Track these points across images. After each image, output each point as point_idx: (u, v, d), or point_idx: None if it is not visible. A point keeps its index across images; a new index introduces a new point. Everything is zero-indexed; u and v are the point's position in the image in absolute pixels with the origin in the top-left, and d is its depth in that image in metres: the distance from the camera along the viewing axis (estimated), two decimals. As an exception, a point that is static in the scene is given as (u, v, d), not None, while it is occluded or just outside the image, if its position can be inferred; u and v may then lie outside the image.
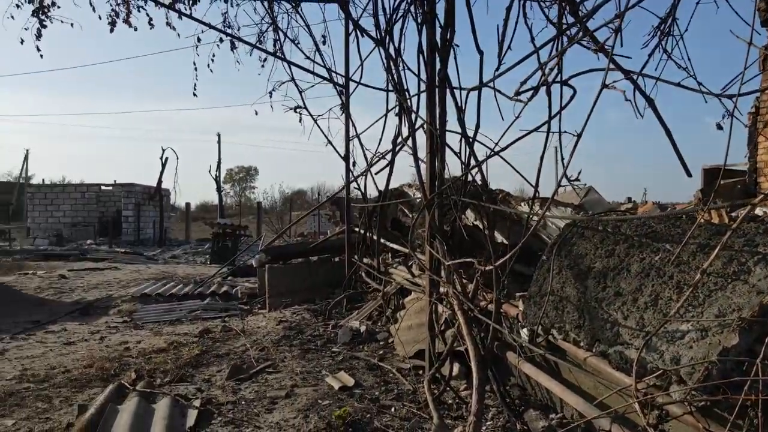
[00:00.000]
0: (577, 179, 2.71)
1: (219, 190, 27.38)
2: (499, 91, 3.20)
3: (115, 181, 26.06)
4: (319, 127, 6.30)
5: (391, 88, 4.73)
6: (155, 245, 23.50)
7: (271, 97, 6.20)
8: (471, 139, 3.61)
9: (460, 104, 3.66)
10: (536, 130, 2.86)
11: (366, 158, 6.47)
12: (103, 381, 4.44)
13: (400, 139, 5.21)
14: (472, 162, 3.64)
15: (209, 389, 4.13)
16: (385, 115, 5.44)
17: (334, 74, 6.88)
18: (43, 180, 47.35)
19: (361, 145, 6.56)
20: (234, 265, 12.56)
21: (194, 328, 6.42)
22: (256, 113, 6.55)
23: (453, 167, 3.90)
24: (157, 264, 16.77)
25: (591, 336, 2.16)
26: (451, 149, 3.70)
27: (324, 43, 7.04)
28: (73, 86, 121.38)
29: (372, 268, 6.19)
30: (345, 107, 6.80)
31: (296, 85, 6.19)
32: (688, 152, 2.09)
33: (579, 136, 2.65)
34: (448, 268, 3.65)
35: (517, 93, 2.75)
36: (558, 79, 2.78)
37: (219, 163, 48.86)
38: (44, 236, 22.29)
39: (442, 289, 3.95)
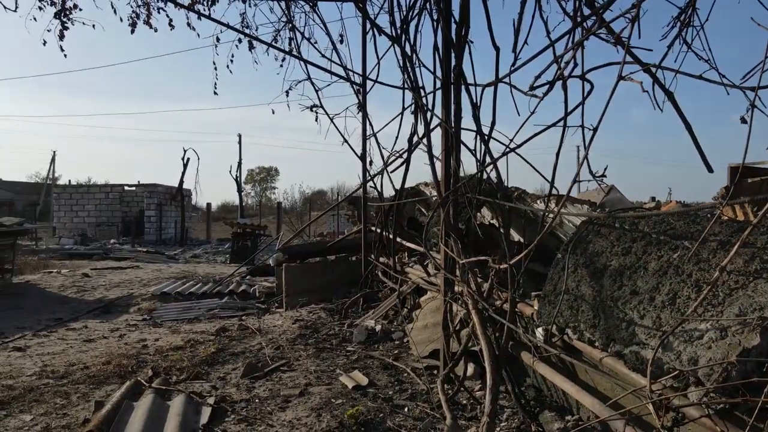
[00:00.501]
0: (603, 176, 2.64)
1: (239, 190, 27.63)
2: (515, 87, 3.15)
3: (138, 181, 26.49)
4: (335, 125, 6.30)
5: (407, 86, 4.70)
6: (176, 245, 23.79)
7: (287, 96, 6.22)
8: (486, 137, 3.56)
9: (475, 101, 3.62)
10: (552, 126, 2.80)
11: (382, 157, 6.45)
12: (120, 378, 4.48)
13: (415, 138, 5.17)
14: (487, 159, 3.59)
15: (224, 387, 4.14)
16: (401, 114, 5.42)
17: (350, 73, 6.88)
18: (70, 181, 48.34)
19: (378, 143, 6.55)
20: (253, 264, 12.66)
21: (211, 327, 6.46)
22: (273, 112, 6.58)
23: (468, 165, 3.85)
24: (178, 263, 16.97)
25: (606, 336, 2.10)
26: (466, 147, 3.66)
27: (341, 42, 7.04)
28: (96, 87, 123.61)
29: (388, 268, 6.16)
30: (362, 106, 6.78)
31: (312, 84, 6.20)
32: (714, 150, 2.03)
33: (595, 130, 2.59)
34: (463, 267, 3.60)
35: (532, 87, 2.69)
36: (575, 73, 2.72)
37: (240, 163, 49.34)
38: (69, 236, 22.72)
39: (457, 288, 3.90)
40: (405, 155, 5.35)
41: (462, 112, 3.76)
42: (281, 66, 6.51)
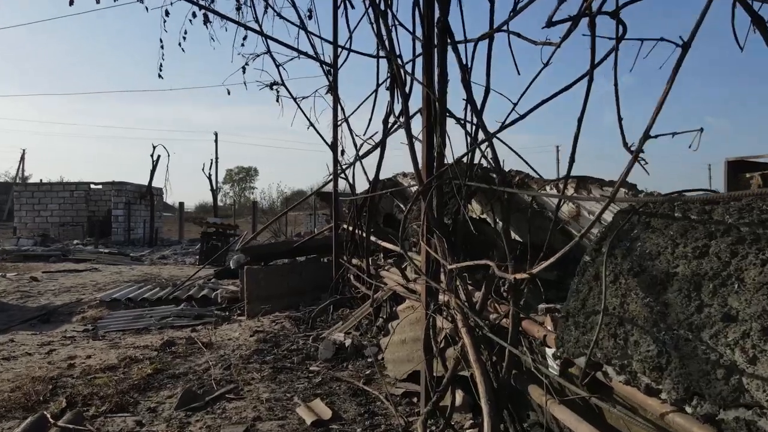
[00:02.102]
0: (638, 150, 1.89)
1: (213, 188, 26.54)
2: (519, 35, 2.38)
3: (114, 180, 25.17)
4: (299, 107, 5.51)
5: (382, 52, 3.91)
6: (145, 245, 22.67)
7: (244, 72, 5.39)
8: (479, 106, 2.79)
9: (465, 62, 2.84)
10: (575, 83, 2.05)
11: (355, 145, 5.66)
12: (25, 410, 3.61)
13: (392, 118, 4.39)
14: (481, 136, 2.82)
15: (152, 423, 3.31)
16: (375, 91, 4.63)
17: (320, 54, 6.07)
18: (41, 180, 46.56)
19: (350, 130, 5.75)
20: (222, 265, 11.73)
21: (159, 339, 5.60)
22: (229, 93, 5.75)
23: (457, 148, 3.07)
24: (143, 265, 15.95)
25: (684, 385, 1.35)
26: (455, 117, 2.88)
27: (310, 17, 6.22)
28: (73, 85, 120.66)
29: (361, 271, 5.37)
30: (333, 88, 5.98)
31: (273, 58, 5.37)
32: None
33: (616, 86, 1.86)
34: (450, 273, 2.83)
35: (550, 23, 1.92)
36: (605, 8, 1.96)
37: (216, 161, 48.06)
38: (29, 236, 21.45)
39: (442, 297, 3.13)
40: (380, 140, 4.56)
41: (448, 76, 2.98)
42: (243, 45, 5.65)
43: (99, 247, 19.52)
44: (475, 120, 2.81)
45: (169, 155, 25.32)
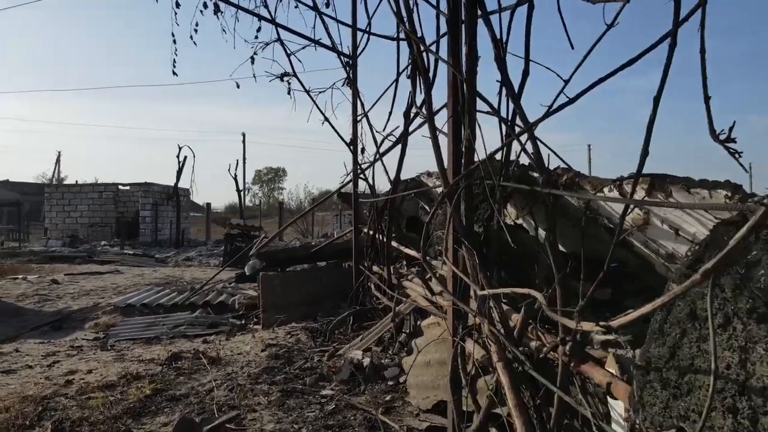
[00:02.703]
0: (730, 139, 1.39)
1: (239, 189, 26.40)
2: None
3: (141, 181, 25.26)
4: (313, 100, 5.07)
5: (402, 33, 3.44)
6: (171, 246, 22.65)
7: (253, 62, 4.96)
8: (517, 89, 2.29)
9: (499, 36, 2.34)
10: (654, 47, 1.54)
11: (375, 142, 5.19)
12: (6, 438, 3.26)
13: (415, 111, 3.91)
14: (517, 127, 2.32)
15: (139, 458, 2.90)
16: (396, 81, 4.15)
17: (337, 44, 5.61)
18: (77, 181, 47.36)
19: (370, 126, 5.28)
20: (243, 268, 11.41)
21: (166, 351, 5.23)
22: (238, 86, 5.35)
23: (488, 144, 2.56)
24: (167, 267, 15.81)
25: None
26: (486, 102, 2.39)
27: (327, 5, 5.77)
28: (105, 89, 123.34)
29: (382, 280, 4.90)
30: (351, 80, 5.52)
31: (283, 46, 4.93)
32: None
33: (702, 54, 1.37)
34: (482, 294, 2.34)
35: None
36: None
37: (244, 162, 48.23)
38: (58, 237, 21.63)
39: (472, 320, 2.64)
40: (400, 135, 4.09)
41: (478, 54, 2.49)
42: (256, 37, 5.21)
43: (125, 248, 19.53)
44: (511, 106, 2.31)
45: (194, 156, 25.26)
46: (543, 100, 2.00)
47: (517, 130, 2.33)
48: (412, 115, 3.82)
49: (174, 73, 6.01)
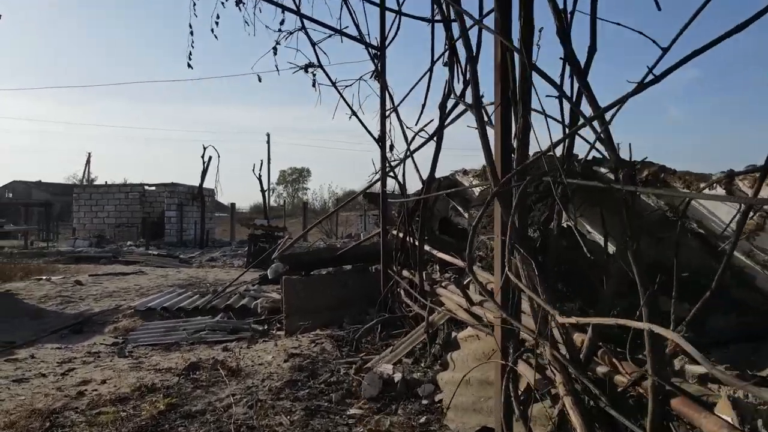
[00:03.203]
0: None
1: (263, 189, 26.30)
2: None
3: (166, 182, 25.36)
4: (340, 93, 4.74)
5: (437, 14, 3.09)
6: (196, 246, 22.63)
7: (275, 53, 4.65)
8: (583, 65, 1.92)
9: (562, 6, 1.98)
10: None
11: (406, 138, 4.85)
12: (8, 459, 3.00)
13: (451, 102, 3.55)
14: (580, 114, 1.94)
15: (147, 488, 2.60)
16: (431, 69, 3.80)
17: (363, 33, 5.28)
18: (106, 182, 48.02)
19: (400, 121, 4.93)
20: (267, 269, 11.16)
21: (185, 360, 4.96)
22: (260, 80, 5.06)
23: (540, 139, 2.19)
24: (190, 268, 15.70)
25: None
26: (549, 79, 2.02)
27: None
28: (131, 90, 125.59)
29: (413, 287, 4.55)
30: (380, 72, 5.18)
31: (307, 35, 4.61)
32: None
33: None
34: (539, 310, 1.97)
35: None
36: None
37: (268, 162, 48.36)
38: (86, 237, 21.79)
39: (526, 335, 2.27)
40: (436, 129, 3.73)
41: (533, 30, 2.12)
42: (279, 30, 4.90)
43: (150, 248, 19.53)
44: (575, 86, 1.93)
45: (219, 156, 25.21)
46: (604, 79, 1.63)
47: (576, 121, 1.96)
48: (449, 105, 3.46)
49: (189, 66, 5.76)
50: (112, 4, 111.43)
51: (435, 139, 3.58)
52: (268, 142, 50.08)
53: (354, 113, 4.84)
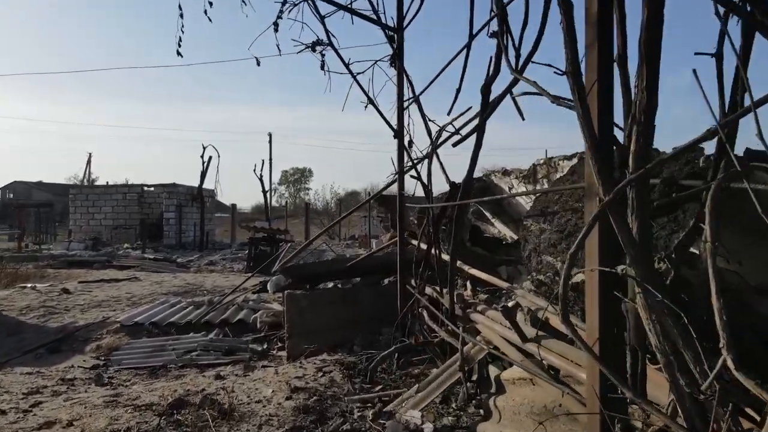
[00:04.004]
0: None
1: (264, 190, 25.58)
2: None
3: (165, 182, 24.64)
4: (354, 78, 4.00)
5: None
6: (196, 249, 21.93)
7: (276, 29, 3.92)
8: None
9: None
10: None
11: (429, 132, 4.11)
12: None
13: (512, 68, 2.81)
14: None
15: None
16: (468, 45, 3.07)
17: (380, 11, 4.55)
18: (107, 182, 47.32)
19: (422, 113, 4.20)
20: (270, 273, 10.41)
21: (171, 391, 4.24)
22: (258, 63, 4.35)
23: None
24: (188, 272, 14.97)
25: None
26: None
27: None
28: (134, 90, 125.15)
29: (440, 308, 3.81)
30: (397, 56, 4.45)
31: (314, 7, 3.88)
32: None
33: None
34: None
35: None
36: None
37: (270, 162, 47.63)
38: (81, 240, 21.08)
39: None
40: (478, 115, 2.99)
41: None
42: (282, 2, 4.14)
43: (147, 251, 18.82)
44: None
45: (219, 155, 24.43)
46: None
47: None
48: (494, 99, 2.72)
49: (179, 53, 5.02)
50: (112, 3, 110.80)
51: (476, 132, 2.84)
52: (270, 142, 49.38)
53: (370, 100, 4.09)
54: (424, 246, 4.21)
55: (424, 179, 3.85)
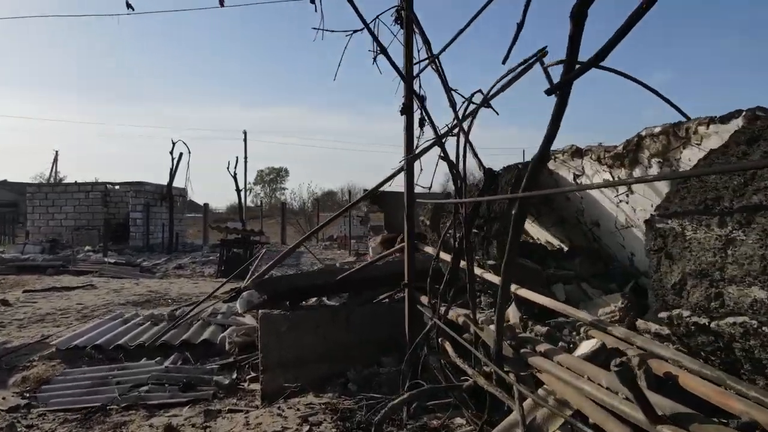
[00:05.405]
0: None
1: (238, 189, 24.20)
2: None
3: (132, 180, 23.07)
4: (366, 26, 2.89)
5: None
6: (164, 251, 20.51)
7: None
8: None
9: None
10: None
11: (452, 103, 3.04)
12: None
13: None
14: None
15: None
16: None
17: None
18: (76, 181, 45.07)
19: (443, 78, 3.12)
20: (244, 278, 9.19)
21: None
22: (222, 4, 3.23)
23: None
24: (153, 278, 13.67)
25: None
26: None
27: None
28: (109, 89, 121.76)
29: (474, 342, 2.73)
30: (406, 6, 3.35)
31: None
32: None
33: None
34: None
35: None
36: None
37: (245, 161, 45.99)
38: (37, 242, 19.50)
39: None
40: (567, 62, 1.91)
41: None
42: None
43: (108, 254, 17.37)
44: None
45: (190, 152, 22.95)
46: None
47: None
48: None
49: (128, 5, 3.87)
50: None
51: (563, 86, 1.76)
52: (245, 140, 47.81)
53: (383, 50, 2.96)
54: (445, 256, 3.13)
55: (462, 160, 2.74)
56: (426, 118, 3.09)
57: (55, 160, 58.02)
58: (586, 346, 2.21)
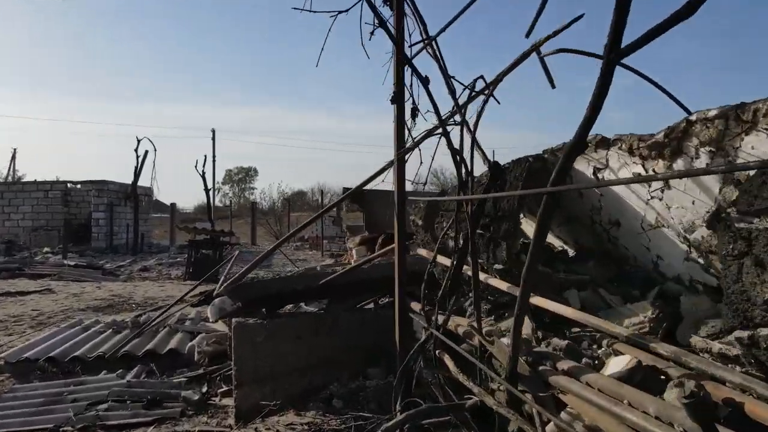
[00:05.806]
0: None
1: (206, 188, 23.43)
2: None
3: (94, 179, 22.11)
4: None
5: None
6: (129, 253, 19.72)
7: None
8: None
9: None
10: None
11: (452, 88, 2.74)
12: None
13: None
14: None
15: None
16: None
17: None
18: (36, 180, 43.29)
19: (440, 61, 2.82)
20: (215, 282, 8.72)
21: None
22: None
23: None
24: (116, 281, 13.00)
25: None
26: None
27: None
28: (71, 85, 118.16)
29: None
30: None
31: None
32: None
33: None
34: None
35: None
36: None
37: (213, 160, 45.01)
38: (-7, 244, 18.48)
39: None
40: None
41: None
42: None
43: (69, 256, 16.56)
44: None
45: (156, 150, 22.12)
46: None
47: None
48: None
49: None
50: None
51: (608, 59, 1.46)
52: (213, 138, 46.80)
53: (381, 22, 2.63)
54: (443, 259, 2.82)
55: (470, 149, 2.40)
56: (431, 101, 2.76)
57: (13, 157, 55.74)
58: (617, 364, 1.93)
